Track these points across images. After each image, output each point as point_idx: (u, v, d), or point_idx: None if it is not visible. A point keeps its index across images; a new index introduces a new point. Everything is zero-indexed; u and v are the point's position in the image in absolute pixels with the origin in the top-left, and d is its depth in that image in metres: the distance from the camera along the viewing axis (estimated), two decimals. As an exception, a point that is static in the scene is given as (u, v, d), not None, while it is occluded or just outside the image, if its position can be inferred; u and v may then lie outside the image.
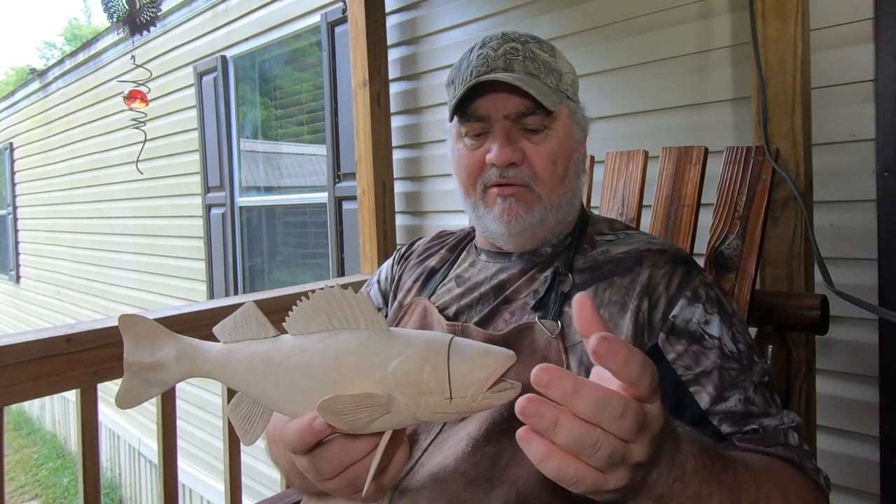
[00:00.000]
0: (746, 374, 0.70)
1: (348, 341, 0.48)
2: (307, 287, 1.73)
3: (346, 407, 0.46)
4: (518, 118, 0.78)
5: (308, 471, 0.54)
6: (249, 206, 3.56)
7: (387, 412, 0.47)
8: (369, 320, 0.49)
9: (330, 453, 0.51)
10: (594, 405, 0.38)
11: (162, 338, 0.54)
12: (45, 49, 26.66)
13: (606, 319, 0.73)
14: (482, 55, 0.80)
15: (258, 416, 0.52)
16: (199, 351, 0.54)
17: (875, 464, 1.30)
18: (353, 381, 0.47)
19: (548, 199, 0.79)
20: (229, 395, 1.45)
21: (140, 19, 2.42)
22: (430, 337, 0.48)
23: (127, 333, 0.54)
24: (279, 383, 0.50)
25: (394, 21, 2.35)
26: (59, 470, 6.25)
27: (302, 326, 0.50)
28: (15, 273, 7.36)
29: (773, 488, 0.60)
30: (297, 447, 0.50)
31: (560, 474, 0.40)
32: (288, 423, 0.51)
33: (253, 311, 0.52)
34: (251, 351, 0.51)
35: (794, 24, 1.13)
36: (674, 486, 0.49)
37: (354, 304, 0.49)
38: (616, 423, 0.39)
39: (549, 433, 0.38)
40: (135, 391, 0.54)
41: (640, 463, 0.42)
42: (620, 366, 0.39)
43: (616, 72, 1.72)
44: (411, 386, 0.46)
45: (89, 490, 1.19)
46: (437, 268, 0.93)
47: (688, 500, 0.51)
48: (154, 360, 0.54)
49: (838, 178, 1.33)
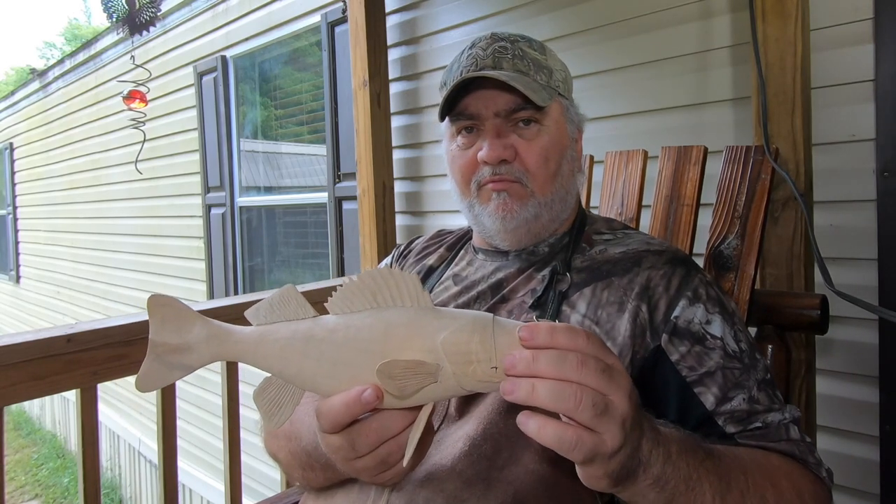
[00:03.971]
0: (750, 372, 0.70)
1: (396, 316, 0.49)
2: (307, 287, 1.73)
3: (402, 372, 0.47)
4: (508, 115, 0.78)
5: (340, 448, 0.54)
6: (249, 206, 3.56)
7: (434, 381, 0.48)
8: (415, 298, 0.50)
9: (368, 428, 0.51)
10: (554, 361, 0.44)
11: (190, 319, 0.53)
12: (45, 49, 26.68)
13: (604, 320, 0.73)
14: (471, 55, 0.80)
15: (288, 398, 0.52)
16: (231, 333, 0.53)
17: (875, 464, 1.30)
18: (403, 352, 0.48)
19: (541, 195, 0.79)
20: (230, 395, 1.45)
21: (140, 19, 2.42)
22: (475, 313, 0.50)
23: (154, 314, 0.53)
24: (322, 359, 0.50)
25: (394, 21, 2.35)
26: (59, 470, 6.25)
27: (346, 306, 0.51)
28: (15, 273, 7.36)
29: (762, 479, 0.60)
30: (341, 420, 0.50)
31: (559, 440, 0.44)
32: (329, 399, 0.51)
33: (293, 293, 0.52)
34: (290, 329, 0.51)
35: (794, 24, 1.13)
36: (665, 467, 0.51)
37: (401, 281, 0.50)
38: (581, 373, 0.44)
39: (531, 399, 0.43)
40: (156, 374, 0.53)
41: (625, 416, 0.46)
42: (548, 339, 0.45)
43: (616, 72, 1.72)
44: (461, 355, 0.47)
45: (89, 490, 1.19)
46: (435, 266, 0.93)
47: (680, 483, 0.52)
48: (181, 341, 0.52)
49: (838, 178, 1.33)
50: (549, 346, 0.45)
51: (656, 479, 0.51)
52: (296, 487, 1.29)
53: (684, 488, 0.53)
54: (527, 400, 0.43)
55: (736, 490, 0.57)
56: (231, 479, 1.45)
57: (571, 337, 0.45)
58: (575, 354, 0.44)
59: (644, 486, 0.51)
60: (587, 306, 0.74)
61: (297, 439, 0.75)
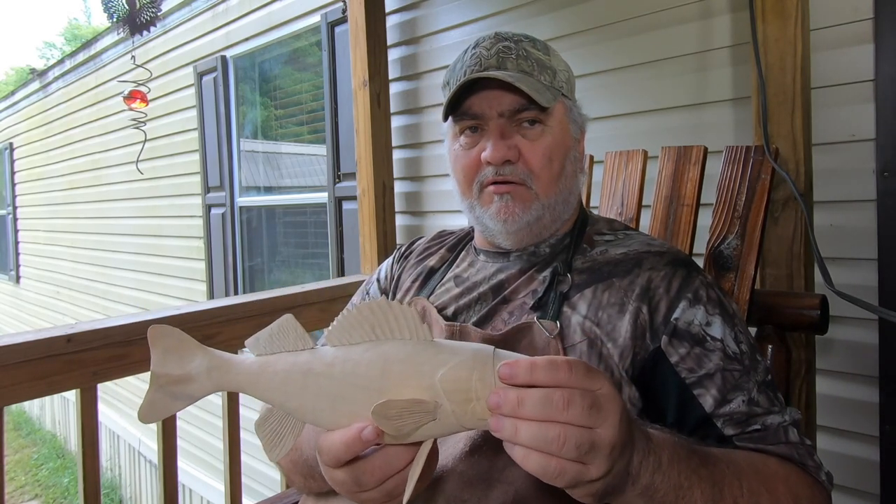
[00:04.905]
0: (750, 374, 0.70)
1: (394, 351, 0.49)
2: (307, 287, 1.73)
3: (398, 412, 0.47)
4: (512, 115, 0.78)
5: (344, 483, 0.53)
6: (249, 206, 3.56)
7: (433, 419, 0.47)
8: (414, 331, 0.49)
9: (371, 465, 0.51)
10: (539, 405, 0.44)
11: (192, 350, 0.53)
12: (45, 49, 26.67)
13: (605, 321, 0.73)
14: (475, 55, 0.80)
15: (288, 431, 0.51)
16: (232, 364, 0.53)
17: (875, 464, 1.30)
18: (400, 390, 0.48)
19: (545, 197, 0.79)
20: (230, 396, 1.45)
21: (140, 19, 2.42)
22: (476, 347, 0.49)
23: (156, 345, 0.53)
24: (320, 394, 0.49)
25: (394, 21, 2.35)
26: (59, 470, 6.25)
27: (344, 338, 0.50)
28: (15, 273, 7.35)
29: (758, 485, 0.60)
30: (342, 457, 0.50)
31: (543, 469, 0.44)
32: (330, 435, 0.51)
33: (291, 323, 0.52)
34: (289, 362, 0.51)
35: (794, 24, 1.13)
36: (654, 476, 0.51)
37: (400, 314, 0.49)
38: (566, 413, 0.44)
39: (515, 439, 0.44)
40: (159, 404, 0.53)
41: (613, 445, 0.46)
42: (527, 377, 0.45)
43: (616, 72, 1.72)
44: (460, 393, 0.47)
45: (89, 490, 1.19)
46: (436, 267, 0.93)
47: (670, 492, 0.53)
48: (183, 372, 0.52)
49: (838, 178, 1.33)
50: (530, 383, 0.45)
51: (645, 488, 0.51)
52: (296, 487, 1.30)
53: (674, 497, 0.53)
54: (511, 440, 0.44)
55: (729, 497, 0.57)
56: (231, 479, 1.45)
57: (551, 372, 0.45)
58: (560, 394, 0.44)
59: (632, 496, 0.51)
60: (588, 307, 0.74)
61: (299, 450, 0.75)
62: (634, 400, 0.71)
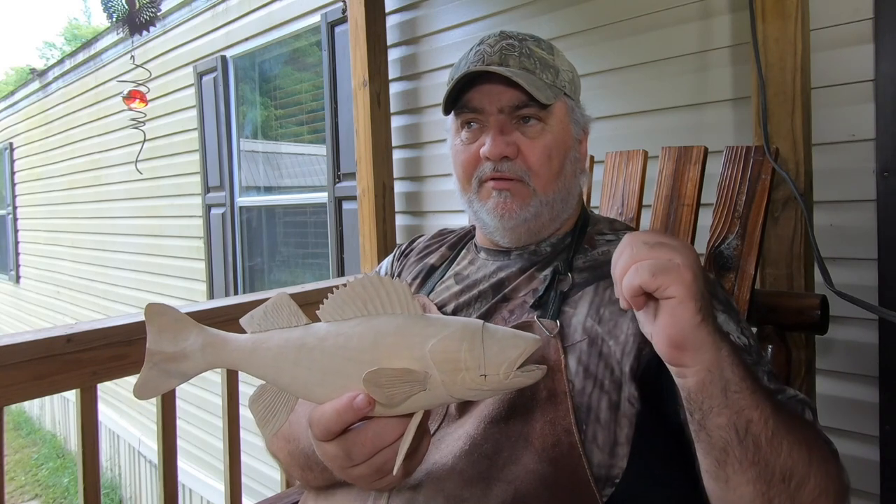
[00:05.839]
0: (758, 365, 0.70)
1: (385, 324, 0.50)
2: (307, 287, 1.73)
3: (389, 380, 0.48)
4: (511, 111, 0.78)
5: (335, 458, 0.54)
6: (249, 206, 3.56)
7: (423, 389, 0.48)
8: (405, 305, 0.50)
9: (363, 437, 0.52)
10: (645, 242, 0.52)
11: (187, 328, 0.54)
12: (45, 49, 26.64)
13: (607, 318, 0.73)
14: (479, 51, 0.80)
15: (282, 406, 0.52)
16: (227, 341, 0.54)
17: (875, 464, 1.30)
18: (392, 361, 0.49)
19: (543, 194, 0.79)
20: (230, 396, 1.45)
21: (140, 19, 2.42)
22: (464, 320, 0.50)
23: (151, 323, 0.54)
24: (313, 367, 0.50)
25: (394, 21, 2.35)
26: (59, 470, 6.25)
27: (336, 313, 0.51)
28: (15, 273, 7.35)
29: (809, 433, 0.59)
30: (333, 428, 0.50)
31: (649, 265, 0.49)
32: (322, 406, 0.51)
33: (285, 300, 0.53)
34: (283, 338, 0.52)
35: (794, 24, 1.13)
36: (730, 366, 0.51)
37: (391, 289, 0.50)
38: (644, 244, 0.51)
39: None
40: (154, 382, 0.54)
41: (695, 272, 0.50)
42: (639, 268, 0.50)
43: (616, 72, 1.72)
44: (449, 363, 0.48)
45: (89, 490, 1.19)
46: (437, 265, 0.93)
47: (746, 397, 0.52)
48: (178, 349, 0.53)
49: (838, 178, 1.33)
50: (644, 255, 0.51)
51: (721, 370, 0.51)
52: (296, 487, 1.30)
53: (750, 399, 0.52)
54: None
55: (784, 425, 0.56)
56: (231, 479, 1.45)
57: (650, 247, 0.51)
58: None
59: (719, 358, 0.51)
60: (589, 305, 0.74)
61: (296, 441, 0.75)
62: (633, 400, 0.70)
